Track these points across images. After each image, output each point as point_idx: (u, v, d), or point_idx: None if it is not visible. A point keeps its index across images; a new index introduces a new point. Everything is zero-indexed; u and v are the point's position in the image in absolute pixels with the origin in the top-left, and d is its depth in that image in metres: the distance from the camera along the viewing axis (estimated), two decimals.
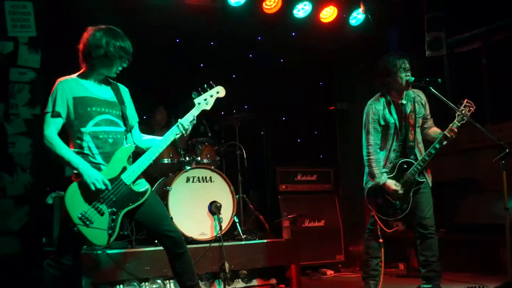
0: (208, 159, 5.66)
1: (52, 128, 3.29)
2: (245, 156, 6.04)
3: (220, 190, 5.34)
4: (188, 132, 3.51)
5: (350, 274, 6.40)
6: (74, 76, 3.46)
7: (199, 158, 5.58)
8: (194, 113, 3.56)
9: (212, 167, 5.43)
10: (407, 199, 4.36)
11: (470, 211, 6.24)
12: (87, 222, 3.18)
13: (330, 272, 6.48)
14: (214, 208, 5.15)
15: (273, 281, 5.36)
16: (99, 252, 4.34)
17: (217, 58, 6.92)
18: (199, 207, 5.20)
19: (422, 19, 6.79)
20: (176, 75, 6.74)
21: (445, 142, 4.26)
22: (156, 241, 4.87)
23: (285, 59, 7.58)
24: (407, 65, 4.35)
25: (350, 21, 7.05)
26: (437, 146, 4.28)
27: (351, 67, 7.38)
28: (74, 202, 3.20)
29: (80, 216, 3.17)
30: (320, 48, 7.24)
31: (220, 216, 5.10)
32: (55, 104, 3.32)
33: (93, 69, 3.43)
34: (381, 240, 4.47)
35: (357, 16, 7.02)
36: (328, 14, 6.97)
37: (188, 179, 5.24)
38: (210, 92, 3.65)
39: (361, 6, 6.77)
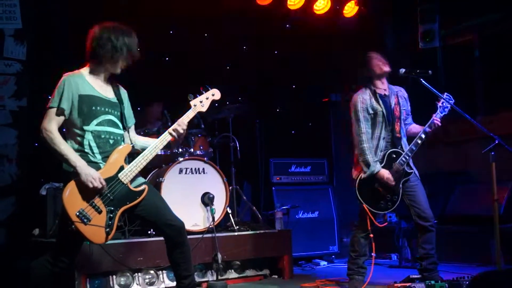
0: (201, 150, 5.68)
1: (54, 123, 3.30)
2: (238, 147, 6.05)
3: (213, 182, 5.36)
4: (182, 136, 3.57)
5: (343, 265, 6.41)
6: (80, 72, 3.46)
7: (192, 150, 5.60)
8: (189, 115, 3.62)
9: (205, 159, 5.45)
10: (397, 190, 4.38)
11: (461, 202, 6.28)
12: (85, 220, 3.20)
13: (323, 263, 6.51)
14: (207, 199, 5.18)
15: (266, 271, 5.40)
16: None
17: (211, 50, 6.91)
18: (192, 198, 5.23)
19: (415, 11, 6.81)
20: (170, 67, 6.75)
21: (428, 130, 4.37)
22: (149, 232, 4.93)
23: (279, 50, 7.58)
24: (382, 57, 4.56)
25: (344, 12, 7.06)
26: (423, 136, 4.36)
27: (346, 59, 7.38)
28: (72, 200, 3.22)
29: (78, 214, 3.19)
30: (314, 40, 7.24)
31: (213, 207, 5.13)
32: (61, 100, 3.32)
33: (99, 66, 3.45)
34: (371, 235, 4.43)
35: (351, 8, 7.02)
36: (322, 6, 6.96)
37: (181, 171, 5.26)
38: (206, 94, 3.71)
39: None
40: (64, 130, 3.41)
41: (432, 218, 4.38)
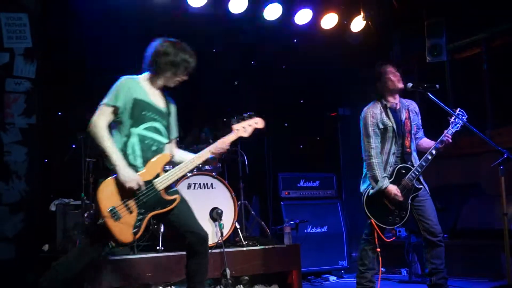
0: (209, 165, 5.69)
1: (104, 119, 3.41)
2: (246, 162, 6.06)
3: (221, 197, 5.37)
4: (220, 155, 3.71)
5: (353, 280, 6.37)
6: (137, 77, 3.60)
7: (200, 165, 5.60)
8: (231, 137, 3.72)
9: (214, 174, 5.45)
10: (406, 206, 4.35)
11: (471, 215, 6.23)
12: (115, 217, 3.30)
13: (332, 278, 6.47)
14: (215, 214, 5.18)
15: (275, 287, 5.37)
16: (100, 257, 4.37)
17: (219, 65, 6.95)
18: (200, 213, 5.18)
19: (423, 25, 6.82)
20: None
21: (439, 146, 4.32)
22: (157, 247, 4.92)
23: (287, 65, 7.61)
24: (396, 71, 4.51)
25: (352, 27, 7.09)
26: (433, 152, 4.32)
27: (353, 73, 7.40)
28: (107, 196, 3.33)
29: (109, 210, 3.29)
30: (322, 55, 7.27)
31: (221, 222, 5.13)
32: (117, 99, 3.44)
33: (155, 76, 3.58)
34: (378, 250, 4.38)
35: (358, 23, 7.05)
36: (329, 21, 6.99)
37: (189, 186, 5.27)
38: (249, 121, 3.80)
39: (362, 13, 6.80)
40: (111, 129, 3.50)
41: (440, 233, 4.34)
